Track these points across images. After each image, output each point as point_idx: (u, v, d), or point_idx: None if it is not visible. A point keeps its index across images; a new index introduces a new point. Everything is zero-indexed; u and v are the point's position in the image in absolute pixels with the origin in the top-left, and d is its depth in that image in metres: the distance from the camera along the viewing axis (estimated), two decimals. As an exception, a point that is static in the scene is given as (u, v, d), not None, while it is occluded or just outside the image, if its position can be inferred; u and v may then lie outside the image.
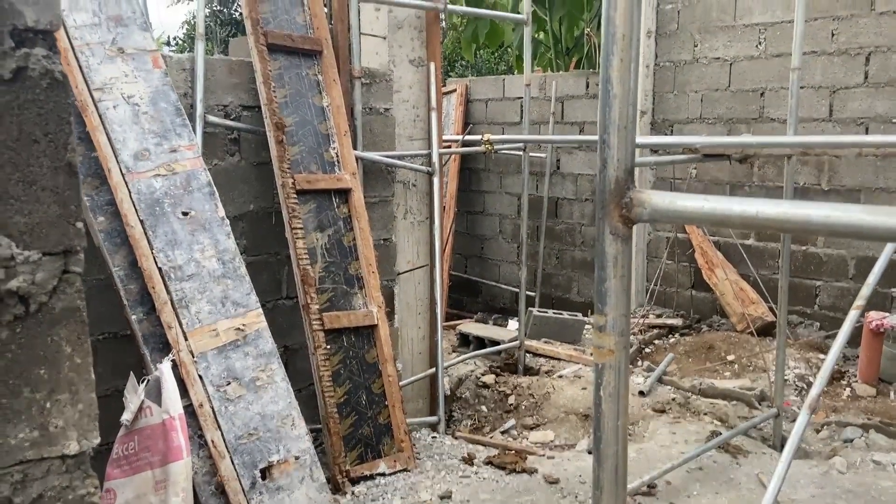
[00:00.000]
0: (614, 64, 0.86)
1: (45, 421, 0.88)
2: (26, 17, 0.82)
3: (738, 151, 3.03)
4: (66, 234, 0.87)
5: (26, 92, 0.83)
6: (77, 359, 0.90)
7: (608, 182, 0.88)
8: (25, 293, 0.85)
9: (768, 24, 5.42)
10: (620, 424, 0.93)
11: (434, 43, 4.36)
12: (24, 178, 0.84)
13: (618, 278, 0.89)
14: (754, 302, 5.38)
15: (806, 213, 0.74)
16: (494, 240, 7.61)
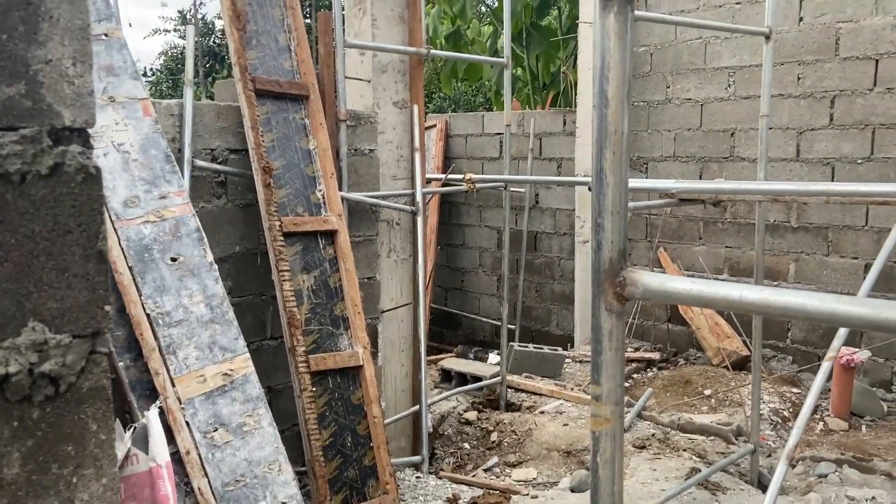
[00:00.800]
0: (607, 156, 0.94)
1: (71, 495, 0.92)
2: (64, 117, 0.88)
3: (712, 197, 3.14)
4: (94, 318, 0.92)
5: (62, 186, 0.88)
6: (102, 435, 0.94)
7: (603, 262, 0.95)
8: (56, 375, 0.89)
9: (737, 67, 5.62)
10: (617, 490, 0.99)
11: (417, 85, 4.46)
12: (57, 266, 0.89)
13: (613, 351, 0.96)
14: (729, 336, 5.50)
15: (785, 301, 0.82)
16: (475, 273, 7.69)
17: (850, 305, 0.78)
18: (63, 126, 0.88)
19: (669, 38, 5.93)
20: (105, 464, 0.94)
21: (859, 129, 5.11)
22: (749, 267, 5.68)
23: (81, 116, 0.89)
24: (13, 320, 0.87)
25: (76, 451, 0.92)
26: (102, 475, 0.94)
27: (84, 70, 0.90)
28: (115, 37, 2.88)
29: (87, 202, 0.91)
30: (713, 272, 5.80)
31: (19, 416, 0.88)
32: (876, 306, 0.76)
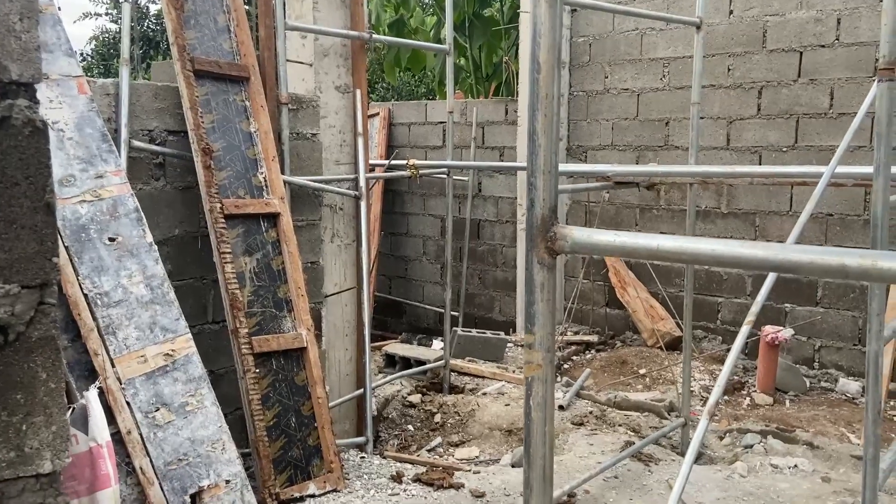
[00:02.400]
0: (539, 119, 1.00)
1: (20, 442, 0.94)
2: (11, 71, 0.89)
3: (646, 180, 3.27)
4: (43, 269, 0.94)
5: (9, 139, 0.90)
6: (51, 384, 0.96)
7: (535, 219, 1.02)
8: (6, 323, 0.91)
9: (671, 58, 5.81)
10: (547, 430, 1.06)
11: (360, 70, 4.48)
12: (5, 218, 0.90)
13: (545, 302, 1.03)
14: (663, 318, 5.71)
15: (695, 247, 0.90)
16: (418, 261, 7.75)
17: (752, 249, 0.86)
18: (10, 80, 0.90)
19: (608, 28, 6.09)
20: (55, 411, 0.97)
21: (784, 119, 5.36)
22: (682, 252, 5.89)
23: (28, 71, 0.91)
24: (-39, 269, 0.88)
25: (25, 399, 0.94)
26: (52, 423, 0.97)
27: (30, 25, 0.91)
28: (48, 12, 2.82)
29: (35, 155, 0.92)
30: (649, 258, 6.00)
31: (-33, 363, 0.90)
32: (772, 249, 0.85)
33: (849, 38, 5.08)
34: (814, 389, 5.25)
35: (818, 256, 0.79)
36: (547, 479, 1.07)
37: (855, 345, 5.26)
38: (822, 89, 5.21)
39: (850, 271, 0.77)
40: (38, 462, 0.96)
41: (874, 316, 2.16)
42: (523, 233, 6.51)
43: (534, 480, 1.07)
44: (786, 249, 0.82)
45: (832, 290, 5.31)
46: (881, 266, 0.75)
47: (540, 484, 1.07)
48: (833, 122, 5.20)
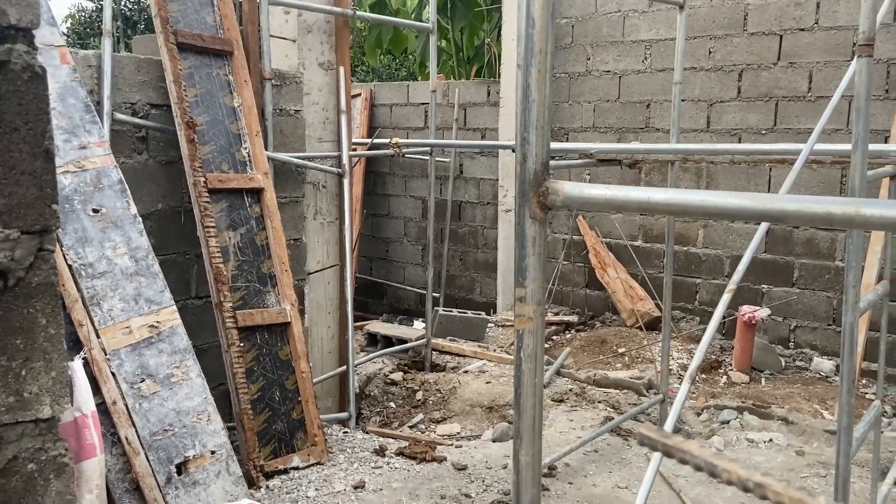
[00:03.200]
0: (533, 74, 1.02)
1: (20, 387, 0.95)
2: (10, 15, 0.90)
3: (628, 157, 3.31)
4: (42, 215, 0.95)
5: (8, 84, 0.90)
6: (51, 329, 0.97)
7: (528, 173, 1.04)
8: (5, 268, 0.92)
9: (653, 40, 5.85)
10: (537, 381, 1.09)
11: (343, 47, 4.46)
12: (4, 163, 0.91)
13: (535, 255, 1.06)
14: (642, 298, 5.78)
15: (687, 198, 0.93)
16: (399, 242, 7.76)
17: (740, 199, 0.89)
18: (8, 24, 0.90)
19: (590, 10, 6.10)
20: (55, 357, 0.98)
21: (764, 102, 5.42)
22: (661, 233, 5.97)
23: (27, 16, 0.91)
24: (-39, 212, 0.89)
25: (25, 344, 0.95)
26: (52, 368, 0.98)
27: (29, -31, 0.91)
28: (29, -20, 2.78)
29: (34, 101, 0.93)
30: (629, 238, 6.06)
31: (-32, 307, 0.90)
32: (760, 199, 0.88)
33: (828, 21, 5.14)
34: (789, 368, 5.36)
35: (805, 205, 0.83)
36: (536, 429, 1.11)
37: (829, 325, 5.37)
38: (801, 73, 5.28)
39: (835, 218, 0.80)
40: (37, 407, 0.97)
41: (850, 287, 2.22)
42: (504, 214, 6.55)
43: (524, 430, 1.10)
44: (774, 199, 0.85)
45: (808, 271, 5.41)
46: (864, 212, 0.78)
47: (530, 433, 1.10)
48: (811, 105, 5.27)
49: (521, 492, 1.12)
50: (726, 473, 0.73)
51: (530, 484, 1.12)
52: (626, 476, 3.49)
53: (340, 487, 3.26)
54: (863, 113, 2.12)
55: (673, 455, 0.78)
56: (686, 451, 0.75)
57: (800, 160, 2.29)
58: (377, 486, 3.29)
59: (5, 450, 0.95)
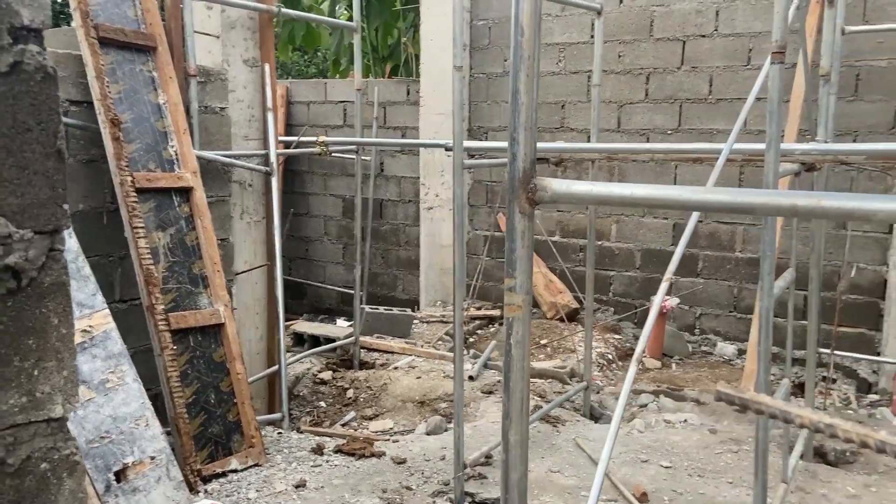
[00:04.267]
0: (522, 78, 1.10)
1: (32, 387, 0.95)
2: (23, 16, 0.90)
3: (556, 155, 3.46)
4: (54, 215, 0.95)
5: (21, 84, 0.90)
6: (63, 329, 0.98)
7: (517, 171, 1.12)
8: (20, 269, 0.92)
9: (567, 44, 6.08)
10: (525, 365, 1.18)
11: (268, 44, 4.42)
12: (17, 163, 0.91)
13: (524, 248, 1.14)
14: (561, 291, 6.01)
15: (664, 194, 1.03)
16: (319, 241, 7.70)
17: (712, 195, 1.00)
18: (21, 25, 0.90)
19: (506, 13, 6.26)
20: (66, 356, 0.98)
21: (669, 104, 5.75)
22: (577, 228, 6.22)
23: (39, 16, 0.92)
24: (-23, 213, 0.88)
25: (38, 344, 0.95)
26: (63, 367, 0.98)
27: (41, -31, 0.92)
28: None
29: (46, 101, 0.93)
30: (547, 234, 6.28)
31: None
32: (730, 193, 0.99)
33: (726, 28, 5.51)
34: (695, 353, 5.71)
35: (772, 199, 0.94)
36: (524, 410, 1.19)
37: (731, 312, 5.76)
38: (702, 76, 5.63)
39: (799, 210, 0.92)
40: (49, 406, 0.97)
41: (766, 275, 2.43)
42: (426, 212, 6.64)
43: (513, 411, 1.18)
44: (742, 193, 0.97)
45: (711, 263, 5.77)
46: (825, 205, 0.90)
47: (518, 413, 1.18)
48: (712, 107, 5.63)
49: (510, 469, 1.20)
50: (799, 418, 0.83)
51: (518, 461, 1.20)
52: (558, 461, 3.65)
53: (281, 487, 3.25)
54: (775, 115, 2.33)
55: (750, 407, 0.88)
56: (761, 402, 0.86)
57: (721, 158, 2.49)
58: (318, 483, 3.30)
59: (19, 450, 0.95)
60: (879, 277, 5.18)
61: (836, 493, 3.34)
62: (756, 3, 5.36)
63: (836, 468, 3.68)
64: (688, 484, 3.45)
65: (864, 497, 3.28)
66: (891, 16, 4.86)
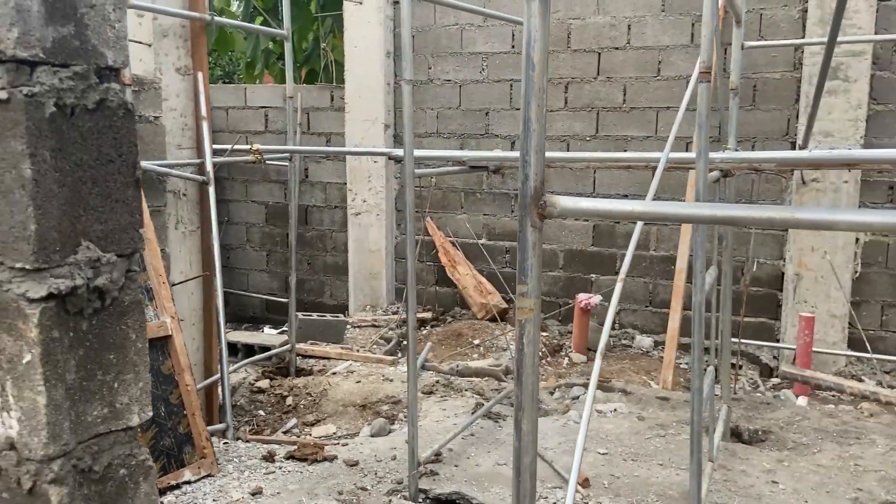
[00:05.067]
0: (533, 108, 1.25)
1: (113, 399, 1.02)
2: (107, 57, 0.97)
3: (495, 164, 3.65)
4: (133, 238, 1.03)
5: (105, 119, 0.98)
6: (139, 343, 1.05)
7: (529, 189, 1.27)
8: (105, 289, 0.99)
9: (489, 53, 6.31)
10: (535, 361, 1.32)
11: (201, 52, 4.39)
12: (102, 192, 0.98)
13: (535, 257, 1.28)
14: (491, 293, 6.22)
15: (660, 209, 1.20)
16: (241, 249, 7.61)
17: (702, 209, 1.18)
18: (106, 65, 0.97)
19: (429, 22, 6.43)
20: (142, 369, 1.06)
21: (587, 112, 6.07)
22: (503, 231, 6.46)
23: (120, 57, 0.99)
24: (70, 240, 0.95)
25: (118, 358, 1.02)
26: (140, 379, 1.06)
27: (121, 16, 0.99)
28: None
29: (127, 135, 1.01)
30: (476, 237, 6.48)
31: (74, 327, 0.97)
32: (719, 208, 1.17)
33: (637, 42, 5.88)
34: (617, 346, 6.05)
35: (754, 212, 1.13)
36: (535, 402, 1.34)
37: (647, 307, 6.14)
38: (617, 86, 5.98)
39: (775, 221, 1.11)
40: (127, 416, 1.04)
41: (698, 273, 2.69)
42: (354, 217, 6.71)
43: (525, 402, 1.33)
44: (730, 207, 1.15)
45: (629, 261, 6.12)
46: (798, 216, 1.10)
47: (530, 404, 1.33)
48: (626, 115, 5.99)
49: (523, 454, 1.35)
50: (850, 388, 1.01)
51: (531, 446, 1.35)
52: (503, 454, 3.83)
53: (238, 496, 3.27)
54: (704, 128, 2.59)
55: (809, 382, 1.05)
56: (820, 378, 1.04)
57: (660, 166, 2.73)
58: (274, 490, 3.34)
59: (102, 458, 1.02)
60: (777, 271, 5.68)
61: (754, 468, 3.68)
62: (664, 19, 5.75)
63: (751, 446, 4.04)
64: (624, 468, 3.71)
65: (779, 471, 3.63)
66: (783, 32, 5.34)
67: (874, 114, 5.14)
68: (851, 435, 4.03)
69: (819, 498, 3.37)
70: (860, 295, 5.34)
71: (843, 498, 3.36)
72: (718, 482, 3.52)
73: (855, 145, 5.04)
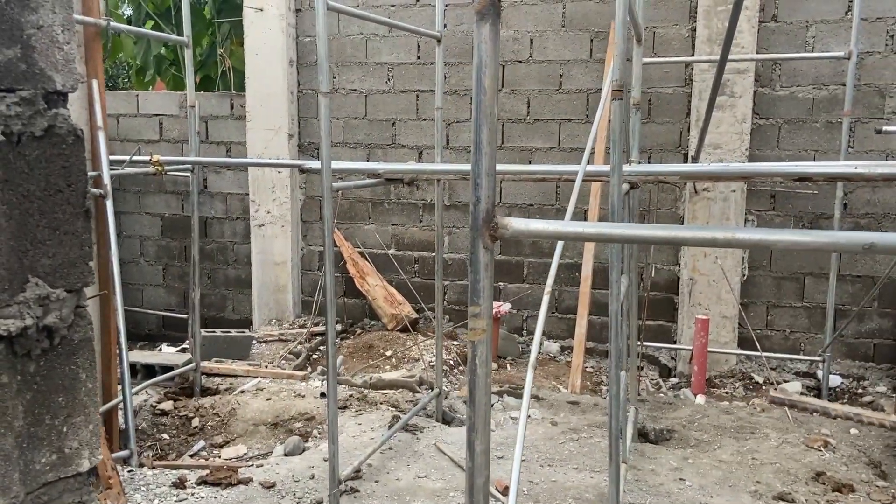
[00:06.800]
0: (485, 132, 1.26)
1: (62, 444, 0.95)
2: (56, 81, 0.91)
3: (410, 176, 3.65)
4: (83, 273, 0.96)
5: (53, 147, 0.91)
6: (89, 384, 0.98)
7: (481, 212, 1.28)
8: (55, 328, 0.93)
9: (395, 63, 6.31)
10: (488, 382, 1.33)
11: (95, 59, 4.16)
12: (50, 224, 0.91)
13: (487, 279, 1.29)
14: (401, 303, 6.21)
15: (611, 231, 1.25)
16: (135, 263, 7.24)
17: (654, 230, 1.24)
18: (54, 90, 0.91)
19: (334, 31, 6.37)
20: (92, 410, 0.99)
21: (493, 123, 6.17)
22: (412, 241, 6.47)
23: (69, 82, 0.93)
24: (17, 277, 0.88)
25: (67, 401, 0.95)
26: (90, 421, 0.99)
27: (70, 38, 0.93)
28: None
29: (76, 163, 0.94)
30: (385, 247, 6.46)
31: (21, 370, 0.90)
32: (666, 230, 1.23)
33: (540, 56, 6.05)
34: (525, 353, 6.19)
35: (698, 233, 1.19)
36: (487, 421, 1.35)
37: (553, 313, 6.31)
38: (521, 98, 6.13)
39: (718, 241, 1.18)
40: (77, 461, 0.97)
41: (614, 283, 2.79)
42: (258, 229, 6.53)
43: (478, 423, 1.33)
44: (675, 229, 1.21)
45: (535, 269, 6.29)
46: (739, 237, 1.17)
47: (482, 425, 1.34)
48: (530, 127, 6.15)
49: (476, 475, 1.35)
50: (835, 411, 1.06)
51: (483, 467, 1.36)
52: (423, 467, 3.83)
53: (149, 527, 3.11)
54: (618, 143, 2.70)
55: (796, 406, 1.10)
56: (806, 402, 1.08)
57: (578, 179, 2.82)
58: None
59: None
60: (673, 276, 5.98)
61: (662, 466, 3.85)
62: (564, 34, 5.95)
63: (657, 445, 4.24)
64: (541, 474, 3.79)
65: (685, 468, 3.83)
66: (675, 49, 5.65)
67: (757, 127, 5.52)
68: (747, 430, 4.30)
69: (722, 492, 3.58)
70: (748, 297, 5.72)
71: (743, 491, 3.58)
72: (630, 482, 3.66)
73: (741, 157, 5.40)
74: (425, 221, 6.42)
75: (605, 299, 6.13)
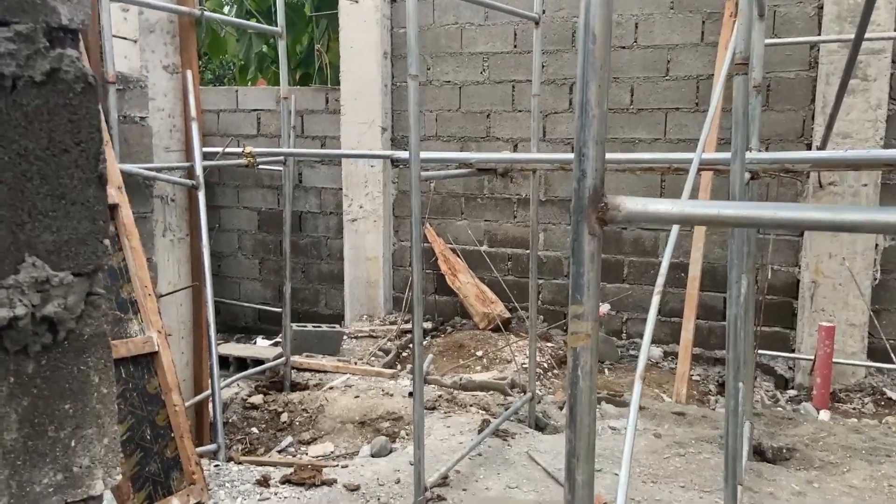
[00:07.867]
0: (593, 89, 1.02)
1: (69, 461, 0.78)
2: (61, 14, 0.74)
3: (504, 166, 3.42)
4: (95, 252, 0.79)
5: (58, 96, 0.74)
6: (104, 388, 0.81)
7: (586, 189, 1.04)
8: (58, 319, 0.75)
9: (490, 53, 6.09)
10: (592, 399, 1.09)
11: (190, 49, 4.15)
12: (53, 192, 0.74)
13: (594, 272, 1.06)
14: (493, 302, 5.99)
15: (753, 213, 0.98)
16: (233, 257, 7.36)
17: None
18: (59, 25, 0.74)
19: (429, 21, 6.21)
20: (107, 421, 0.82)
21: (593, 114, 5.85)
22: (505, 237, 6.23)
23: (78, 16, 0.76)
24: (9, 254, 0.71)
25: (75, 409, 0.78)
26: (104, 434, 0.81)
27: (79, -45, 0.76)
28: None
29: (87, 117, 0.77)
30: (477, 244, 6.25)
31: (15, 370, 0.73)
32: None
33: (645, 41, 5.67)
34: (624, 357, 5.83)
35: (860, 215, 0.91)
36: (591, 447, 1.11)
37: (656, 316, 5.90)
38: (624, 87, 5.77)
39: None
40: (88, 483, 0.80)
41: (733, 284, 2.47)
42: (350, 224, 6.47)
43: (580, 449, 1.10)
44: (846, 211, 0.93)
45: (636, 268, 5.92)
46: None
47: (586, 452, 1.10)
48: (633, 117, 5.78)
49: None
50: None
51: (586, 501, 1.12)
52: (514, 476, 3.59)
53: (230, 526, 3.03)
54: (741, 126, 2.37)
55: None
56: None
57: (693, 167, 2.51)
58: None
59: (54, 542, 0.78)
60: (792, 278, 5.47)
61: (783, 490, 3.45)
62: (673, 17, 5.55)
63: (776, 465, 3.82)
64: (643, 491, 3.48)
65: (809, 493, 3.41)
66: (798, 29, 5.15)
67: (893, 114, 4.95)
68: (881, 452, 3.81)
69: (855, 523, 3.15)
70: (880, 302, 5.14)
71: (880, 523, 3.15)
72: (746, 506, 3.29)
73: (874, 147, 4.85)
74: (519, 217, 6.16)
75: (713, 302, 5.70)
